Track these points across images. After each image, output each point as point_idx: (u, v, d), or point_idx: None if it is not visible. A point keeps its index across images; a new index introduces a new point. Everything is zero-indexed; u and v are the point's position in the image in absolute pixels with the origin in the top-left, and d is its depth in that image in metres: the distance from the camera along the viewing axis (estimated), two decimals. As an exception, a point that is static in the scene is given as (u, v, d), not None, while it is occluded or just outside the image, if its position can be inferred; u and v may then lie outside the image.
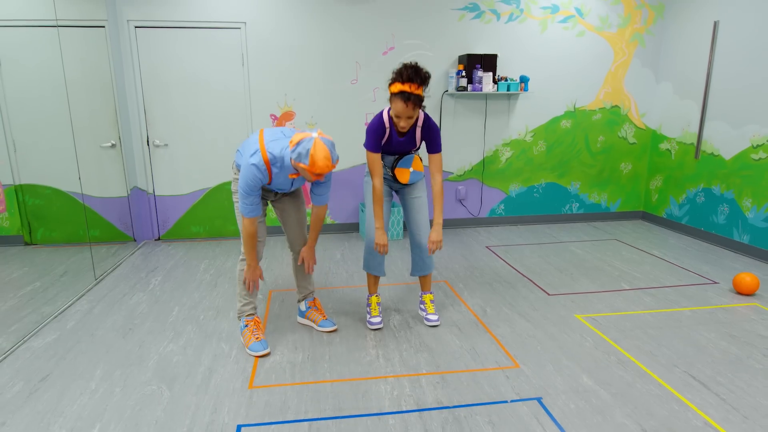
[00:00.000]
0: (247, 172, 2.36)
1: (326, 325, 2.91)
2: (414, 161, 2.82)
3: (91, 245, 4.07)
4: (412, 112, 2.50)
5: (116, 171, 4.59)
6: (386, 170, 2.84)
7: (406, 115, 2.52)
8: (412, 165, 2.82)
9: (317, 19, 4.57)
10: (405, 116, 2.52)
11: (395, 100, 2.50)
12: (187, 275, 3.88)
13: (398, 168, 2.79)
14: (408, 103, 2.47)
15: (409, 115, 2.52)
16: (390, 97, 2.54)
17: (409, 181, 2.82)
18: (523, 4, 4.85)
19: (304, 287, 2.99)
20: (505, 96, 5.03)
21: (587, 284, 3.63)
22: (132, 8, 4.33)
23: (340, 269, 4.00)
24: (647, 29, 5.12)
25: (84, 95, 4.06)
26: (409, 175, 2.81)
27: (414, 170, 2.82)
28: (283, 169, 2.43)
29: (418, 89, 2.45)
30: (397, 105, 2.49)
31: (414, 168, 2.82)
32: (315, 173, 2.24)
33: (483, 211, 5.31)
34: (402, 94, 2.45)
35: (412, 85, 2.43)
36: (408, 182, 2.82)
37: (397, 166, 2.79)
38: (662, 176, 5.28)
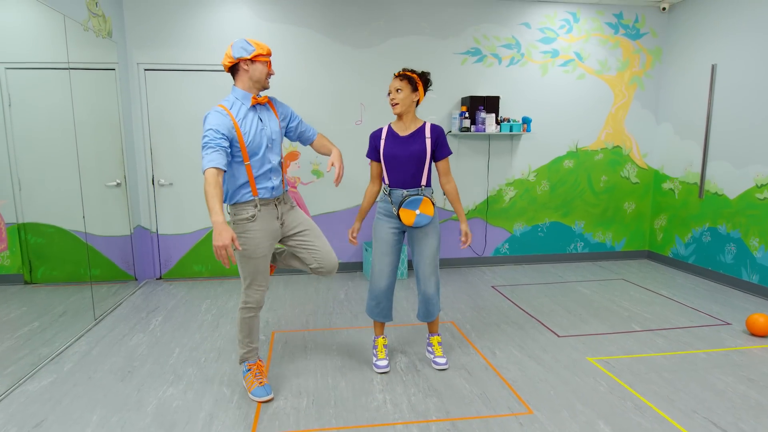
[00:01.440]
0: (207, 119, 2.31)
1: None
2: (423, 204, 2.69)
3: (92, 284, 4.02)
4: (400, 84, 2.65)
5: (120, 210, 4.58)
6: (393, 208, 2.80)
7: (394, 88, 2.66)
8: (420, 207, 2.69)
9: (323, 62, 4.68)
10: (393, 89, 2.66)
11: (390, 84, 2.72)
12: (189, 315, 3.80)
13: (404, 209, 2.69)
14: (397, 78, 2.67)
15: (397, 87, 2.65)
16: None
17: (414, 225, 2.71)
18: (524, 49, 4.98)
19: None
20: (508, 136, 5.09)
21: (597, 325, 3.56)
22: (142, 52, 4.45)
23: (344, 309, 3.93)
24: (646, 72, 5.24)
25: (92, 135, 4.10)
26: (414, 218, 2.69)
27: (421, 213, 2.69)
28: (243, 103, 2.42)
29: (412, 74, 2.68)
30: (390, 84, 2.70)
31: (421, 211, 2.70)
32: (267, 52, 2.39)
33: (488, 251, 5.27)
34: (396, 75, 2.70)
35: (407, 71, 2.70)
36: (413, 225, 2.72)
37: (403, 206, 2.70)
38: (666, 215, 5.27)
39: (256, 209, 2.48)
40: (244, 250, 2.46)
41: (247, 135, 2.40)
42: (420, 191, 2.75)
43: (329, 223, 4.93)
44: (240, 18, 4.53)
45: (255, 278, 2.54)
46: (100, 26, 3.94)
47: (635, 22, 5.14)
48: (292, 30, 4.62)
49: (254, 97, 2.44)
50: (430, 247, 2.79)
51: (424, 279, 2.80)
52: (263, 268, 2.56)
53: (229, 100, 2.42)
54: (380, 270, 2.82)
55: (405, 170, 2.73)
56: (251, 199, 2.47)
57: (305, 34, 4.64)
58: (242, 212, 2.47)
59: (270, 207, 2.53)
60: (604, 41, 5.11)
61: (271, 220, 2.53)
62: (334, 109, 4.77)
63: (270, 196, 2.51)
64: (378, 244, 2.83)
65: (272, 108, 2.58)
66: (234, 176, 2.45)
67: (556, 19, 4.99)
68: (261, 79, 2.44)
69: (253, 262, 2.50)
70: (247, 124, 2.41)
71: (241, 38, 2.43)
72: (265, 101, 2.52)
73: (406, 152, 2.71)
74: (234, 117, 2.36)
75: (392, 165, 2.75)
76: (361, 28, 4.72)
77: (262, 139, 2.44)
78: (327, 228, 4.92)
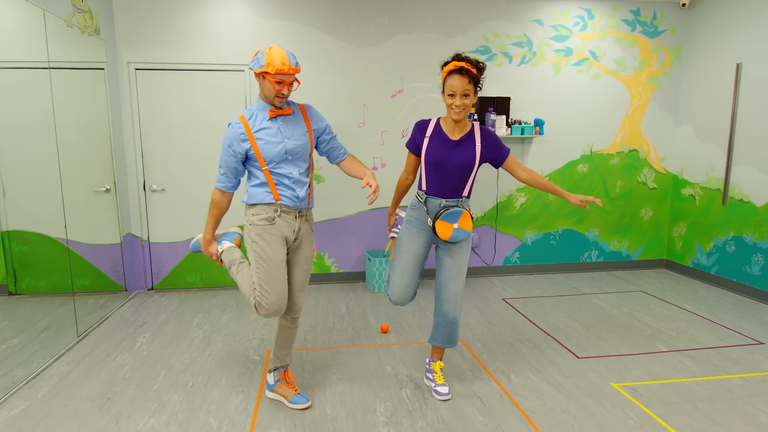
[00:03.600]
0: (224, 135, 2.28)
1: (299, 402, 2.52)
2: (462, 218, 2.40)
3: (74, 295, 3.77)
4: (468, 86, 2.27)
5: (110, 217, 4.33)
6: (428, 219, 2.49)
7: (461, 91, 2.26)
8: (459, 221, 2.40)
9: (324, 61, 4.43)
10: (460, 92, 2.27)
11: (450, 79, 2.29)
12: (179, 331, 3.55)
13: (441, 221, 2.39)
14: (464, 77, 2.25)
15: (465, 91, 2.27)
16: (443, 83, 2.36)
17: (450, 239, 2.42)
18: (535, 47, 4.71)
19: (282, 358, 2.61)
20: (519, 140, 4.82)
21: (619, 345, 3.28)
22: (133, 50, 4.20)
23: (345, 325, 3.67)
24: (664, 72, 4.97)
25: (79, 138, 3.87)
26: (452, 233, 2.40)
27: (459, 228, 2.40)
28: (261, 114, 2.28)
29: (473, 68, 2.28)
30: (452, 82, 2.28)
31: (460, 225, 2.40)
32: (275, 71, 2.12)
33: (497, 260, 5.00)
34: (459, 69, 2.26)
35: (467, 63, 2.28)
36: (449, 240, 2.43)
37: (441, 218, 2.39)
38: (686, 223, 4.99)
39: (276, 213, 2.31)
40: (263, 253, 2.29)
41: (263, 146, 2.26)
42: (460, 203, 2.47)
43: (332, 230, 4.67)
44: (237, 14, 4.29)
45: (271, 284, 2.30)
46: (86, 22, 3.70)
47: (653, 19, 4.87)
48: (291, 27, 4.37)
49: (272, 109, 2.27)
50: (460, 264, 2.52)
51: (450, 299, 2.54)
52: (282, 275, 2.33)
53: (252, 109, 2.32)
54: (400, 285, 2.56)
55: (449, 179, 2.44)
56: (272, 203, 2.31)
57: (305, 31, 4.39)
58: (260, 213, 2.31)
59: (290, 217, 2.35)
60: (621, 39, 4.84)
61: (288, 229, 2.36)
62: (335, 110, 4.52)
63: (293, 205, 2.34)
64: (402, 256, 2.55)
65: (305, 118, 2.39)
66: (255, 176, 2.34)
67: (570, 15, 4.73)
68: (269, 96, 2.24)
69: (273, 267, 2.30)
70: (263, 135, 2.26)
71: (268, 47, 2.18)
72: (290, 112, 2.33)
73: (453, 159, 2.40)
74: (249, 127, 2.25)
75: (434, 171, 2.44)
76: (364, 25, 4.47)
77: (279, 151, 2.27)
78: (330, 236, 4.66)
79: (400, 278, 2.55)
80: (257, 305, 2.32)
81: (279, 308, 2.33)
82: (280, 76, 2.15)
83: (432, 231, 2.48)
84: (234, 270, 2.46)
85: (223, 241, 2.57)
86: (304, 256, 2.46)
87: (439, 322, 2.61)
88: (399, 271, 2.56)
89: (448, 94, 2.32)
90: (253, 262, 2.32)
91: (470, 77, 2.26)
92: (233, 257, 2.49)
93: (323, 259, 4.74)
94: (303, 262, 2.47)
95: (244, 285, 2.38)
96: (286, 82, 2.17)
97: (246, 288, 2.37)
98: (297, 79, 2.26)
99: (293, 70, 2.16)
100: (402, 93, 4.60)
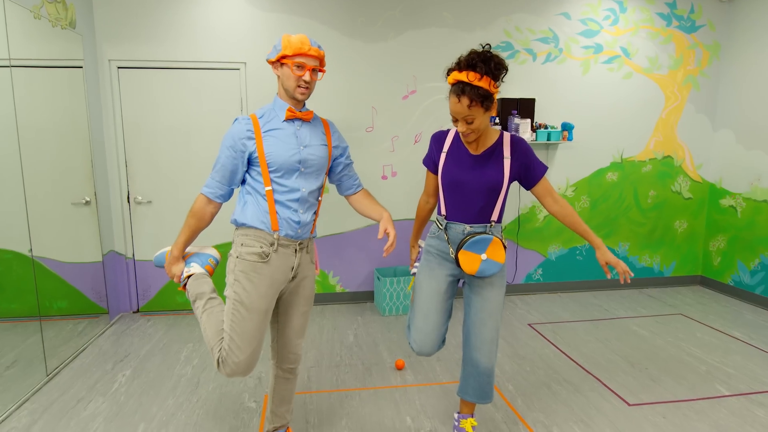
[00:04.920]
0: (227, 132, 1.88)
1: None
2: (491, 246, 1.96)
3: (44, 320, 3.31)
4: (469, 111, 1.80)
5: (90, 232, 3.88)
6: (450, 248, 2.06)
7: (461, 116, 1.83)
8: (488, 251, 1.96)
9: (328, 59, 3.98)
10: (461, 117, 1.83)
11: (450, 95, 1.85)
12: (164, 368, 3.10)
13: (465, 251, 1.96)
14: (461, 98, 1.78)
15: (466, 116, 1.82)
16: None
17: (478, 274, 1.98)
18: (562, 44, 4.27)
19: (281, 416, 2.17)
20: (543, 146, 4.37)
21: (673, 386, 2.84)
22: (115, 46, 3.75)
23: (353, 358, 3.22)
24: (701, 71, 4.52)
25: (54, 145, 3.42)
26: (479, 265, 1.96)
27: (488, 259, 1.96)
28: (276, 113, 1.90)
29: (481, 80, 1.75)
30: (451, 101, 1.84)
31: (489, 256, 1.96)
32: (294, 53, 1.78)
33: (518, 277, 4.56)
34: (456, 85, 1.80)
35: (472, 73, 1.75)
36: (476, 274, 1.98)
37: (465, 247, 1.96)
38: (725, 237, 4.55)
39: (272, 248, 1.85)
40: (245, 298, 1.83)
41: (271, 149, 1.84)
42: (488, 228, 2.02)
43: (337, 245, 4.22)
44: (232, 6, 3.84)
45: (246, 339, 1.84)
46: (58, 14, 3.25)
47: (690, 13, 4.42)
48: (292, 21, 3.92)
49: (290, 108, 1.89)
50: (493, 305, 2.07)
51: (482, 346, 2.08)
52: (262, 330, 1.87)
53: (266, 107, 1.95)
54: (423, 330, 2.09)
55: (471, 202, 1.99)
56: (268, 233, 1.86)
57: (308, 25, 3.94)
58: (252, 245, 1.85)
59: (289, 251, 1.90)
60: (655, 34, 4.39)
61: (284, 269, 1.90)
62: (341, 113, 4.07)
63: (294, 235, 1.89)
64: (423, 295, 2.10)
65: (326, 132, 2.02)
66: (252, 190, 1.89)
67: (600, 8, 4.28)
68: (289, 87, 1.85)
69: (254, 317, 1.84)
70: (274, 136, 1.87)
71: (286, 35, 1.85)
72: (310, 117, 1.95)
73: (476, 179, 1.96)
74: (260, 125, 1.86)
75: (454, 193, 2.01)
76: (373, 19, 4.02)
77: (291, 158, 1.86)
78: (334, 252, 4.21)
79: (423, 323, 2.09)
80: (221, 361, 1.85)
81: (247, 369, 1.87)
82: (300, 59, 1.80)
83: (455, 263, 2.04)
84: (199, 307, 1.98)
85: (193, 263, 2.08)
86: (303, 296, 2.02)
87: (470, 372, 2.16)
88: (421, 313, 2.10)
89: (451, 115, 1.90)
90: (229, 305, 1.86)
91: (472, 98, 1.77)
92: (201, 289, 2.01)
93: (327, 277, 4.29)
94: (302, 303, 2.02)
95: (209, 330, 1.91)
96: (308, 66, 1.81)
97: (211, 335, 1.90)
98: (322, 68, 1.90)
99: (316, 52, 1.82)
100: (415, 94, 4.15)
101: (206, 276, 2.07)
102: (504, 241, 2.02)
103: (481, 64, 1.75)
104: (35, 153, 3.22)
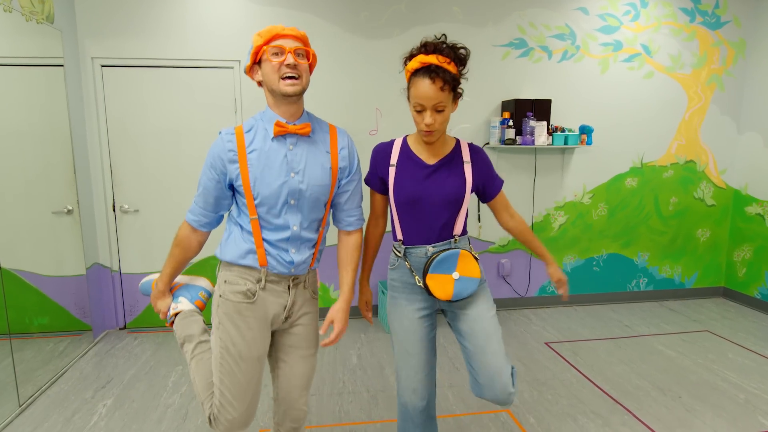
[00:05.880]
0: (210, 148, 1.56)
1: None
2: (462, 261, 1.68)
3: (12, 340, 3.03)
4: (442, 95, 1.55)
5: (72, 243, 3.60)
6: (414, 277, 1.76)
7: (433, 103, 1.56)
8: (458, 267, 1.68)
9: (330, 56, 3.70)
10: (432, 105, 1.56)
11: (416, 83, 1.57)
12: (149, 396, 2.82)
13: (433, 275, 1.67)
14: (435, 80, 1.54)
15: (437, 104, 1.56)
16: (408, 84, 1.63)
17: (454, 298, 1.69)
18: (579, 40, 3.99)
19: None
20: (559, 150, 4.09)
21: (711, 419, 2.56)
22: (98, 43, 3.47)
23: (357, 384, 2.94)
24: (726, 70, 4.25)
25: (32, 150, 3.14)
26: (453, 287, 1.68)
27: (462, 277, 1.67)
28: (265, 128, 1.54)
29: (450, 65, 1.56)
30: (418, 89, 1.56)
31: (462, 273, 1.68)
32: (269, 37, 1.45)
33: (531, 290, 4.28)
34: (427, 69, 1.55)
35: (441, 56, 1.56)
36: (452, 299, 1.69)
37: (432, 270, 1.67)
38: (751, 247, 4.27)
39: (259, 285, 1.55)
40: (231, 345, 1.54)
41: (255, 174, 1.50)
42: (452, 244, 1.75)
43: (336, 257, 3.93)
44: (225, 0, 3.55)
45: (239, 393, 1.56)
46: (33, 7, 2.96)
47: (715, 8, 4.14)
48: (290, 16, 3.63)
49: (279, 123, 1.51)
50: (486, 321, 1.74)
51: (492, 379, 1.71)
52: (256, 380, 1.60)
53: (254, 120, 1.58)
54: (409, 377, 1.78)
55: (431, 219, 1.71)
56: (255, 268, 1.55)
57: (307, 20, 3.66)
58: (236, 282, 1.55)
59: (281, 287, 1.59)
60: (678, 31, 4.12)
61: (275, 308, 1.59)
62: (342, 115, 3.79)
63: (286, 272, 1.57)
64: (399, 337, 1.79)
65: (332, 144, 1.61)
66: (237, 219, 1.58)
67: (620, 3, 4.00)
68: (273, 83, 1.48)
69: (244, 367, 1.56)
70: (259, 159, 1.51)
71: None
72: (308, 132, 1.54)
73: (435, 191, 1.70)
74: (244, 142, 1.52)
75: (411, 211, 1.72)
76: (377, 14, 3.74)
77: (280, 189, 1.51)
78: (334, 264, 3.91)
79: (410, 373, 1.77)
80: (213, 418, 1.58)
81: (243, 425, 1.59)
82: (277, 42, 1.45)
83: (426, 292, 1.74)
84: (188, 351, 1.70)
85: (181, 298, 1.80)
86: (303, 336, 1.68)
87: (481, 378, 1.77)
88: (403, 363, 1.78)
89: (414, 107, 1.61)
90: (216, 354, 1.57)
91: (445, 80, 1.55)
92: (190, 331, 1.72)
93: (328, 291, 4.01)
94: (303, 345, 1.69)
95: (198, 382, 1.64)
96: (288, 48, 1.45)
97: (201, 388, 1.63)
98: (310, 52, 1.52)
99: (293, 31, 1.48)
100: (422, 94, 3.87)
101: (196, 314, 1.79)
102: (474, 253, 1.75)
103: (448, 49, 1.59)
104: (11, 158, 2.95)
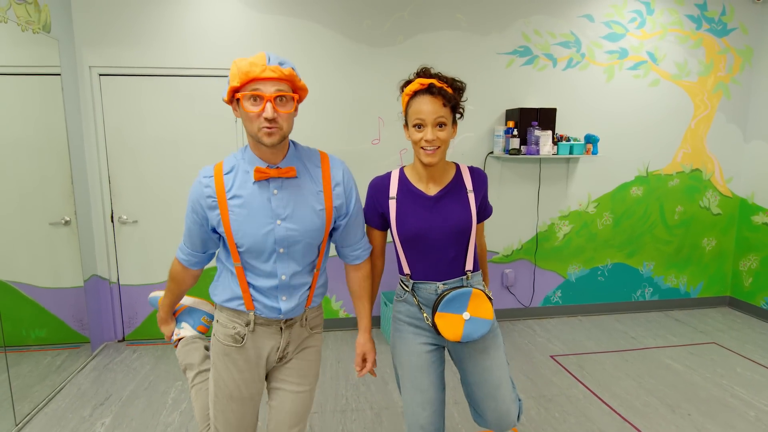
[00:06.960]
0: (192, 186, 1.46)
1: None
2: (474, 300, 1.60)
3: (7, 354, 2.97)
4: (443, 110, 1.53)
5: (70, 255, 3.55)
6: (423, 314, 1.68)
7: (434, 119, 1.52)
8: (469, 308, 1.59)
9: (331, 64, 3.64)
10: (432, 120, 1.52)
11: (416, 102, 1.55)
12: (148, 414, 2.76)
13: (442, 313, 1.60)
14: (437, 98, 1.52)
15: (438, 118, 1.52)
16: (405, 111, 1.61)
17: (464, 339, 1.60)
18: (584, 48, 3.93)
19: None
20: (563, 159, 4.04)
21: (723, 439, 2.51)
22: (96, 52, 3.41)
23: (360, 401, 2.89)
24: (732, 78, 4.20)
25: (29, 160, 3.09)
26: (463, 328, 1.59)
27: (473, 317, 1.59)
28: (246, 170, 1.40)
29: (448, 88, 1.57)
30: (419, 106, 1.54)
31: (473, 314, 1.59)
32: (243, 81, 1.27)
33: (536, 300, 4.23)
34: (428, 88, 1.54)
35: (438, 81, 1.56)
36: (461, 340, 1.61)
37: (441, 308, 1.60)
38: (758, 256, 4.23)
39: (248, 328, 1.47)
40: (223, 385, 1.49)
41: (237, 222, 1.39)
42: (464, 281, 1.67)
43: (340, 266, 3.88)
44: (226, 8, 3.50)
45: (228, 428, 1.51)
46: (29, 17, 2.90)
47: (722, 15, 4.09)
48: (291, 24, 3.58)
49: (259, 169, 1.37)
50: (497, 371, 1.68)
51: (500, 420, 1.71)
52: (250, 419, 1.54)
53: (235, 158, 1.45)
54: (416, 413, 1.68)
55: (440, 254, 1.64)
56: (242, 312, 1.47)
57: (308, 28, 3.60)
58: (227, 326, 1.49)
59: (272, 330, 1.50)
60: (684, 38, 4.07)
61: (266, 348, 1.51)
62: (344, 124, 3.73)
63: (276, 317, 1.48)
64: (406, 372, 1.71)
65: (324, 182, 1.46)
66: (224, 263, 1.50)
67: (626, 10, 3.95)
68: (251, 131, 1.34)
69: (236, 407, 1.50)
70: (240, 206, 1.39)
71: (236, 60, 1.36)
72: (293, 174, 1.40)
73: (441, 224, 1.62)
74: (224, 186, 1.39)
75: (416, 248, 1.65)
76: (380, 22, 3.68)
77: (265, 238, 1.40)
78: (337, 273, 3.85)
79: (417, 410, 1.67)
80: None
81: None
82: (252, 86, 1.28)
83: (434, 330, 1.67)
84: (189, 378, 1.70)
85: (183, 323, 1.77)
86: (298, 371, 1.58)
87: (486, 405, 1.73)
88: (410, 399, 1.69)
89: (413, 125, 1.56)
90: (211, 389, 1.53)
91: (445, 98, 1.53)
92: (190, 359, 1.69)
93: (330, 302, 3.96)
94: (296, 381, 1.58)
95: (197, 411, 1.63)
96: (266, 95, 1.28)
97: (199, 417, 1.63)
98: (295, 92, 1.37)
99: (275, 71, 1.28)
100: (425, 103, 3.81)
101: (197, 340, 1.75)
102: (488, 292, 1.68)
103: (443, 77, 1.60)
104: (8, 168, 2.90)
